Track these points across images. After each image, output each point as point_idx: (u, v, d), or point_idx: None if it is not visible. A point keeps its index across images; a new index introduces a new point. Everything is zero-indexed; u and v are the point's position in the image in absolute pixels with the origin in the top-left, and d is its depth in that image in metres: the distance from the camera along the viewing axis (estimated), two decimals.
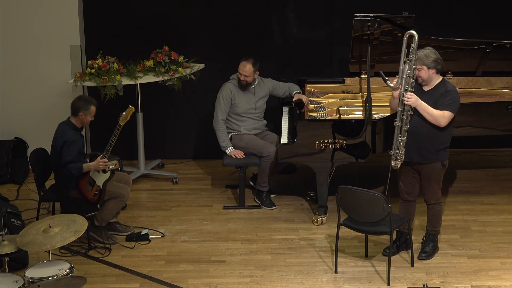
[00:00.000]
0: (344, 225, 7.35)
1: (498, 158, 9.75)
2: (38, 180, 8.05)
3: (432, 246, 7.61)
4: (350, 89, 8.95)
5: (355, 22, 8.23)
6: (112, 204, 7.87)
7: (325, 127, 8.05)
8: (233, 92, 8.55)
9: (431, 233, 7.62)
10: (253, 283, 7.29)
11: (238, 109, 8.58)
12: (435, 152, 7.31)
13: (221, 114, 8.55)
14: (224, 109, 8.54)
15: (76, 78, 8.80)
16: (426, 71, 7.23)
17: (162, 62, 8.91)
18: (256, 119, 8.70)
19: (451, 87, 7.28)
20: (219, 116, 8.56)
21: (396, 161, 7.32)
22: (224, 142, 8.55)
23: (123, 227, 8.09)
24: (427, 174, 7.39)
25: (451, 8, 9.50)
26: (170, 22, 9.56)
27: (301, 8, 9.57)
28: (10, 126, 9.47)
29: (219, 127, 8.57)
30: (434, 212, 7.53)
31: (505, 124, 8.25)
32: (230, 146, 8.56)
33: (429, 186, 7.43)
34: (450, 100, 7.20)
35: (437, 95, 7.23)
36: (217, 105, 8.59)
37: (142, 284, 7.30)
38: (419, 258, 7.55)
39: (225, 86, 8.60)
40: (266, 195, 8.67)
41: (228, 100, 8.53)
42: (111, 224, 8.04)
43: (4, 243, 6.58)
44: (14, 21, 9.25)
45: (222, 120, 8.55)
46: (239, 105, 8.57)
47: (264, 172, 8.58)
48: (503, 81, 8.86)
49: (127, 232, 8.06)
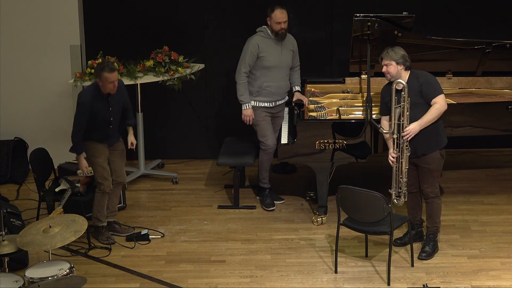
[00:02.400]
0: (344, 225, 7.35)
1: (498, 158, 9.75)
2: (38, 180, 8.06)
3: (432, 246, 7.62)
4: (350, 89, 8.95)
5: (355, 22, 8.23)
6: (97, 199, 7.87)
7: (325, 127, 8.05)
8: (260, 46, 8.29)
9: (431, 231, 7.63)
10: (253, 283, 7.29)
11: (266, 62, 8.31)
12: (433, 140, 7.42)
13: (244, 67, 8.31)
14: (249, 62, 8.29)
15: (76, 78, 8.80)
16: (395, 67, 7.37)
17: (162, 62, 8.92)
18: (283, 75, 8.44)
19: (424, 75, 7.43)
20: (242, 69, 8.32)
21: (400, 199, 7.50)
22: (243, 96, 8.33)
23: (122, 228, 8.09)
24: (428, 166, 7.44)
25: (451, 8, 9.50)
26: (170, 22, 9.56)
27: (301, 8, 9.57)
28: (10, 126, 9.47)
29: (240, 80, 8.33)
30: (434, 206, 7.56)
31: (505, 124, 8.25)
32: (248, 102, 8.35)
33: (429, 178, 7.47)
34: (434, 86, 7.37)
35: (415, 89, 7.34)
36: (241, 58, 8.36)
37: (142, 284, 7.30)
38: (419, 258, 7.55)
39: (252, 39, 8.34)
40: (267, 194, 8.64)
41: (254, 54, 8.27)
42: (110, 224, 8.04)
43: (4, 243, 6.58)
44: (14, 21, 9.25)
45: (245, 73, 8.32)
46: (268, 58, 8.30)
47: (261, 166, 8.55)
48: (503, 81, 8.86)
49: (126, 233, 8.06)
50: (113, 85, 7.55)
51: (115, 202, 8.08)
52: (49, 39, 9.31)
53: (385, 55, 7.40)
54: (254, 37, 8.36)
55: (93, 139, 7.73)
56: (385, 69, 7.39)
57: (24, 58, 9.35)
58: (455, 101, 8.39)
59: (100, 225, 7.96)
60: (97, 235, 7.95)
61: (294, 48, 8.53)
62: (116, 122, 7.78)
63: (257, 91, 8.39)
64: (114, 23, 9.55)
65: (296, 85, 8.65)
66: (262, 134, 8.47)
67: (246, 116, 8.40)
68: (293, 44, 8.51)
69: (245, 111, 8.39)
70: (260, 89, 8.39)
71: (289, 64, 8.49)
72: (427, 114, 7.32)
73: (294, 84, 8.65)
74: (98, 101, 7.60)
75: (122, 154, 7.95)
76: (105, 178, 7.83)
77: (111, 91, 7.58)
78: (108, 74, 7.49)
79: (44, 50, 9.33)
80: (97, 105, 7.60)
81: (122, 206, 8.66)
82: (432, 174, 7.46)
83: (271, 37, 8.33)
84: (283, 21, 8.26)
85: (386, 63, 7.38)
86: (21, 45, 9.32)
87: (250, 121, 8.42)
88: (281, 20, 8.25)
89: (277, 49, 8.35)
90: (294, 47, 8.53)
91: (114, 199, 8.05)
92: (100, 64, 7.62)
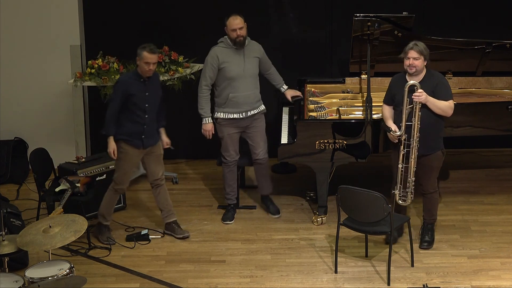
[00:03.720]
0: (344, 225, 7.35)
1: (498, 158, 9.75)
2: (38, 180, 8.06)
3: (430, 235, 7.74)
4: (350, 89, 8.95)
5: (355, 22, 8.23)
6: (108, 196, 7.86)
7: (325, 127, 8.05)
8: (220, 57, 8.01)
9: (429, 222, 7.73)
10: (253, 283, 7.29)
11: (228, 73, 7.99)
12: (437, 140, 7.49)
13: (205, 79, 8.06)
14: (209, 75, 8.04)
15: (76, 78, 8.80)
16: (422, 61, 7.38)
17: (162, 62, 8.92)
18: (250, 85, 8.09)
19: (439, 76, 7.49)
20: (202, 82, 8.07)
21: (405, 200, 7.53)
22: (203, 110, 8.06)
23: (180, 230, 8.01)
24: (430, 164, 7.51)
25: (451, 8, 9.50)
26: (170, 22, 9.56)
27: (301, 8, 9.57)
28: (10, 126, 9.47)
29: (201, 93, 8.06)
30: (433, 200, 7.66)
31: (505, 124, 8.25)
32: (208, 117, 8.08)
33: (430, 175, 7.55)
34: (448, 91, 7.44)
35: (428, 87, 7.37)
36: (202, 70, 8.14)
37: (142, 284, 7.30)
38: (421, 248, 7.65)
39: (211, 51, 8.06)
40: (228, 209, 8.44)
41: (214, 66, 8.01)
42: (169, 224, 8.00)
43: (4, 243, 6.58)
44: (14, 21, 9.25)
45: (206, 86, 8.06)
46: (230, 68, 7.98)
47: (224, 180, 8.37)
48: (503, 81, 8.86)
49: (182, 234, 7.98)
50: (148, 67, 7.53)
51: (164, 204, 7.99)
52: (49, 39, 9.31)
53: (415, 48, 7.34)
54: (213, 48, 8.09)
55: (127, 137, 7.65)
56: (412, 62, 7.34)
57: (24, 58, 9.35)
58: (455, 101, 8.39)
59: (103, 223, 7.95)
60: (98, 233, 7.95)
61: (259, 54, 8.16)
62: (151, 114, 7.69)
63: (224, 102, 8.12)
64: (114, 23, 9.55)
65: (281, 86, 8.46)
66: (224, 149, 8.25)
67: (205, 131, 8.15)
68: (257, 51, 8.16)
69: (204, 126, 8.13)
70: (227, 100, 8.10)
71: (254, 72, 8.12)
72: (438, 101, 7.36)
73: (278, 85, 8.45)
74: (135, 83, 7.59)
75: (158, 159, 7.87)
76: (122, 182, 7.82)
77: (146, 73, 7.55)
78: (147, 53, 7.50)
79: (44, 50, 9.34)
80: (134, 87, 7.58)
81: (122, 206, 8.66)
82: (434, 171, 7.56)
83: (231, 46, 8.02)
84: (238, 28, 7.92)
85: (415, 56, 7.33)
86: (21, 45, 9.32)
87: (210, 136, 8.17)
88: (236, 27, 7.92)
89: (239, 58, 8.03)
90: (260, 53, 8.17)
91: (162, 201, 7.97)
92: (143, 44, 7.62)
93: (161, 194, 7.97)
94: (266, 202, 8.55)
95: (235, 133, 8.21)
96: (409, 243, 7.48)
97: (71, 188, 7.90)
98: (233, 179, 8.34)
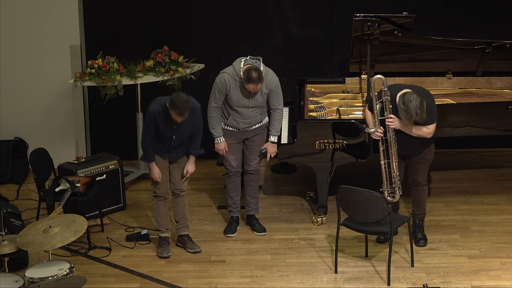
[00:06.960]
0: (344, 225, 7.35)
1: (498, 158, 9.75)
2: (38, 180, 8.07)
3: (423, 231, 7.80)
4: (350, 89, 8.95)
5: (355, 22, 8.23)
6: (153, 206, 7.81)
7: (325, 127, 8.05)
8: (228, 84, 7.80)
9: (420, 218, 7.80)
10: (253, 283, 7.29)
11: (231, 102, 7.84)
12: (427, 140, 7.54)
13: (214, 101, 7.92)
14: (219, 97, 7.87)
15: (76, 78, 8.80)
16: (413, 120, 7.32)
17: (162, 62, 8.91)
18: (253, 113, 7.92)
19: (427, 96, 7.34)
20: (212, 104, 7.93)
21: (394, 196, 7.54)
22: (214, 130, 7.93)
23: (191, 244, 7.87)
24: (423, 157, 7.58)
25: (450, 8, 9.50)
26: (170, 22, 9.56)
27: (301, 8, 9.57)
28: (10, 126, 9.47)
29: (211, 114, 7.94)
30: (423, 193, 7.73)
31: (505, 124, 8.25)
32: (219, 136, 7.95)
33: (424, 167, 7.62)
34: (430, 114, 7.32)
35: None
36: (212, 91, 7.96)
37: (142, 284, 7.30)
38: (420, 245, 7.69)
39: (221, 75, 7.85)
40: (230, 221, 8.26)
41: (223, 91, 7.82)
42: (181, 236, 7.88)
43: (4, 243, 6.58)
44: (14, 21, 9.25)
45: (215, 107, 7.91)
46: (232, 99, 7.82)
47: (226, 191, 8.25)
48: (503, 81, 8.86)
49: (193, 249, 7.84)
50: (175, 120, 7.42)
51: (180, 216, 7.85)
52: (49, 39, 9.31)
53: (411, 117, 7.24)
54: (224, 73, 7.84)
55: (155, 149, 7.65)
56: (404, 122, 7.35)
57: (24, 58, 9.35)
58: (455, 101, 8.40)
59: (161, 236, 7.81)
60: (157, 246, 7.85)
61: (270, 88, 7.85)
62: (179, 140, 7.64)
63: (226, 117, 7.99)
64: (114, 23, 9.55)
65: (272, 135, 8.04)
66: (224, 158, 8.13)
67: (219, 150, 8.03)
68: (268, 85, 7.83)
69: (217, 145, 7.99)
70: (229, 116, 7.97)
71: (261, 103, 7.90)
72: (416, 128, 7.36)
73: (270, 132, 8.05)
74: (165, 116, 7.46)
75: (181, 168, 7.81)
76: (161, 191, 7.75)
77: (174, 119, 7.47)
78: (175, 114, 7.35)
79: (44, 50, 9.34)
80: (163, 119, 7.47)
81: (122, 206, 8.66)
82: (426, 164, 7.63)
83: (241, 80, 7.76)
84: (254, 91, 7.75)
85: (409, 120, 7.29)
86: (21, 45, 9.32)
87: (224, 153, 8.03)
88: (252, 91, 7.72)
89: (246, 92, 7.78)
90: (271, 87, 7.85)
91: (179, 213, 7.84)
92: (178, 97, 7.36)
93: (179, 205, 7.84)
94: (252, 221, 8.25)
95: (234, 144, 8.05)
96: (409, 243, 7.48)
97: (71, 188, 7.90)
98: (235, 191, 8.16)
